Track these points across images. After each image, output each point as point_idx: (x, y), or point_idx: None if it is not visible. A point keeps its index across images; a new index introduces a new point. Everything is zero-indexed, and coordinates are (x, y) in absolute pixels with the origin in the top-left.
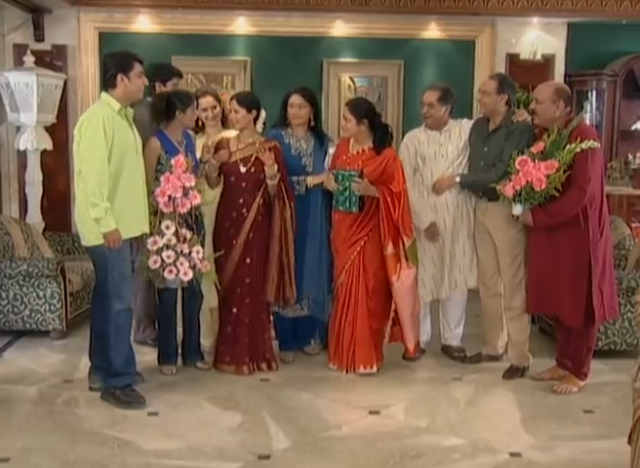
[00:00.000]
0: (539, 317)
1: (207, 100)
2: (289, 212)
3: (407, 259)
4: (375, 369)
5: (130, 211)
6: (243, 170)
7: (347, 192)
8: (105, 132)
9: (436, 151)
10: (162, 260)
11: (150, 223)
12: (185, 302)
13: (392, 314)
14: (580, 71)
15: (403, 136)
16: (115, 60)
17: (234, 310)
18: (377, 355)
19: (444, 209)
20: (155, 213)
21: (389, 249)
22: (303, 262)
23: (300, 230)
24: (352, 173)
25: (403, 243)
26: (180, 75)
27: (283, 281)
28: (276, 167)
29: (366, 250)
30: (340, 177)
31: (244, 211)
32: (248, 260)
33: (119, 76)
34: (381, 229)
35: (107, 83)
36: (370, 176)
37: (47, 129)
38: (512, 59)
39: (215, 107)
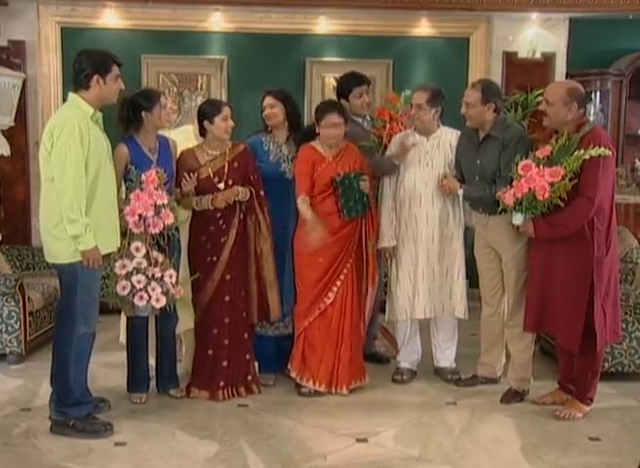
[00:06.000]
0: (540, 336)
1: None
2: (263, 224)
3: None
4: (367, 379)
5: (106, 225)
6: (221, 186)
7: (357, 194)
8: (82, 140)
9: (421, 158)
10: (132, 286)
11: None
12: (159, 324)
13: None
14: (583, 71)
15: None
16: (92, 60)
17: (215, 331)
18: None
19: (424, 221)
20: (124, 233)
21: (372, 247)
22: (284, 275)
23: (281, 240)
24: (357, 173)
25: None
26: None
27: (263, 297)
28: (248, 192)
29: (355, 259)
30: (347, 181)
31: (222, 223)
32: (228, 277)
33: (95, 77)
34: (365, 227)
35: (79, 83)
36: None
37: (4, 133)
38: (509, 58)
39: None
